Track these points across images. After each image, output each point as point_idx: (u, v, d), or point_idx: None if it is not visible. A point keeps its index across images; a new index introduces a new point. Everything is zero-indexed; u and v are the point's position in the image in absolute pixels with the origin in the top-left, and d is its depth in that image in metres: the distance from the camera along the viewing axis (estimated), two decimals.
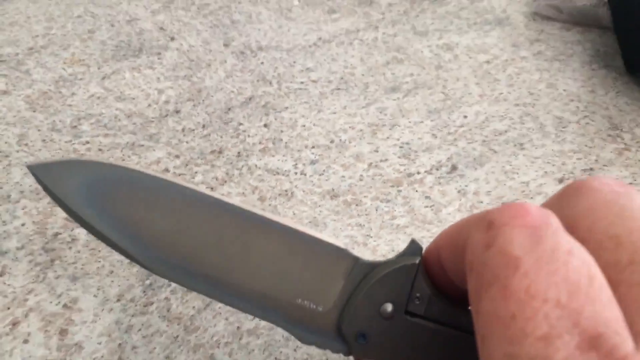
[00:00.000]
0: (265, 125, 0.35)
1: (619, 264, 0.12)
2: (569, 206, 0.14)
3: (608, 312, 0.11)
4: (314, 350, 0.24)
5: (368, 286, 0.19)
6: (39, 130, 0.34)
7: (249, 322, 0.25)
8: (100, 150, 0.33)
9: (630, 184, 0.33)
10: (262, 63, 0.41)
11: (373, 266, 0.19)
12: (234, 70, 0.40)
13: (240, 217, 0.19)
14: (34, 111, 0.34)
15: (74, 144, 0.33)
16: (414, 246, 0.18)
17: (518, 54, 0.42)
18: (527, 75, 0.40)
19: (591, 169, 0.33)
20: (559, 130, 0.36)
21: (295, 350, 0.24)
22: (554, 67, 0.41)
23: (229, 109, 0.36)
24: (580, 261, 0.12)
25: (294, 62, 0.41)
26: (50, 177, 0.19)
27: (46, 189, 0.19)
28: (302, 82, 0.39)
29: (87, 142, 0.33)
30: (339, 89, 0.38)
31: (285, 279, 0.19)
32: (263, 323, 0.25)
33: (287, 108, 0.37)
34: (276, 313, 0.19)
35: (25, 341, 0.24)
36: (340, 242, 0.19)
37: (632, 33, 0.39)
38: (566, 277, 0.12)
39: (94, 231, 0.19)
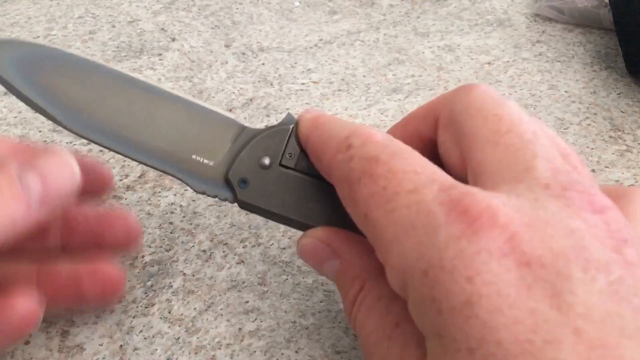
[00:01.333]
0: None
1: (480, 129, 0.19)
2: (456, 98, 0.20)
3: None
4: (316, 352, 0.24)
5: (251, 144, 0.23)
6: (40, 131, 0.34)
7: (251, 323, 0.25)
8: (101, 151, 0.33)
9: (632, 185, 0.33)
10: (263, 64, 0.41)
11: (257, 132, 0.24)
12: (235, 71, 0.40)
13: (150, 91, 0.24)
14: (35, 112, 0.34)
15: (75, 144, 0.33)
16: (289, 117, 0.24)
17: (519, 55, 0.42)
18: (529, 76, 0.40)
19: (593, 171, 0.33)
20: (561, 131, 0.36)
21: (297, 352, 0.24)
22: (556, 68, 0.41)
23: (230, 109, 0.36)
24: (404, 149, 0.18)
25: (295, 63, 0.41)
26: None
27: None
28: (303, 83, 0.39)
29: (88, 143, 0.33)
30: (340, 90, 0.38)
31: (184, 139, 0.24)
32: (265, 324, 0.25)
33: (288, 109, 0.37)
34: (176, 166, 0.24)
35: (27, 342, 0.24)
36: (231, 114, 0.24)
37: (633, 34, 0.39)
38: (412, 156, 0.18)
39: (25, 100, 0.23)
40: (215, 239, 0.29)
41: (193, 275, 0.27)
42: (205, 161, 0.24)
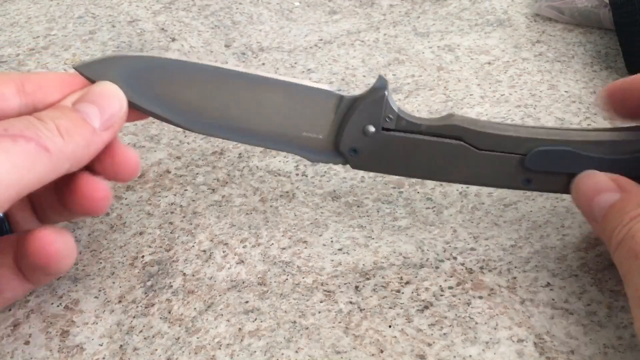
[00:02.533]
0: None
1: None
2: None
3: None
4: (316, 352, 0.24)
5: (354, 115, 0.25)
6: None
7: (251, 323, 0.25)
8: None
9: None
10: (263, 64, 0.41)
11: (354, 99, 0.26)
12: None
13: (248, 79, 0.25)
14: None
15: None
16: (382, 80, 0.25)
17: (519, 55, 0.42)
18: (529, 76, 0.40)
19: None
20: None
21: (297, 352, 0.24)
22: (556, 68, 0.41)
23: None
24: None
25: (295, 63, 0.41)
26: (95, 73, 0.24)
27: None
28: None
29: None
30: (340, 90, 0.38)
31: (292, 119, 0.26)
32: (265, 324, 0.25)
33: None
34: (291, 145, 0.26)
35: (27, 342, 0.24)
36: (326, 85, 0.26)
37: (633, 34, 0.39)
38: None
39: (140, 109, 0.25)
40: (215, 239, 0.29)
41: (193, 275, 0.27)
42: (315, 135, 0.26)
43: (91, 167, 0.24)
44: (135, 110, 0.25)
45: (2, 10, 0.46)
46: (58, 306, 0.26)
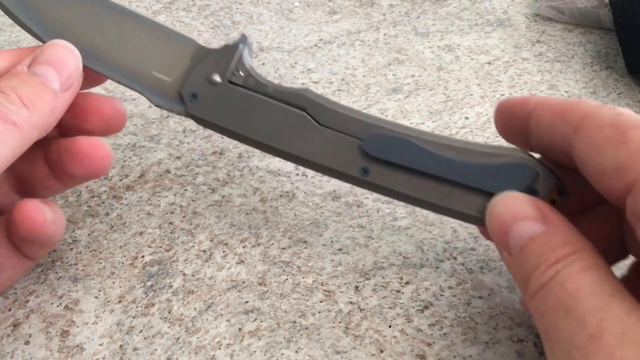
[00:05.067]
0: None
1: None
2: None
3: None
4: (316, 352, 0.24)
5: (203, 62, 0.25)
6: None
7: (251, 323, 0.25)
8: None
9: None
10: (263, 64, 0.41)
11: (212, 50, 0.26)
12: None
13: (120, 12, 0.26)
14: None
15: None
16: (243, 38, 0.26)
17: (519, 55, 0.42)
18: (529, 76, 0.40)
19: None
20: None
21: (297, 352, 0.24)
22: (556, 68, 0.41)
23: None
24: None
25: (295, 63, 0.41)
26: None
27: None
28: (303, 83, 0.39)
29: None
30: (340, 90, 0.38)
31: (147, 57, 0.26)
32: (265, 324, 0.25)
33: None
34: (137, 81, 0.26)
35: (27, 342, 0.24)
36: (191, 35, 0.26)
37: (633, 34, 0.39)
38: None
39: (13, 17, 0.26)
40: (215, 239, 0.29)
41: (193, 275, 0.27)
42: (164, 77, 0.26)
43: (82, 129, 0.24)
44: (90, 74, 0.25)
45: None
46: (58, 306, 0.26)
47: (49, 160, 0.25)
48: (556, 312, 0.17)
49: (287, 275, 0.27)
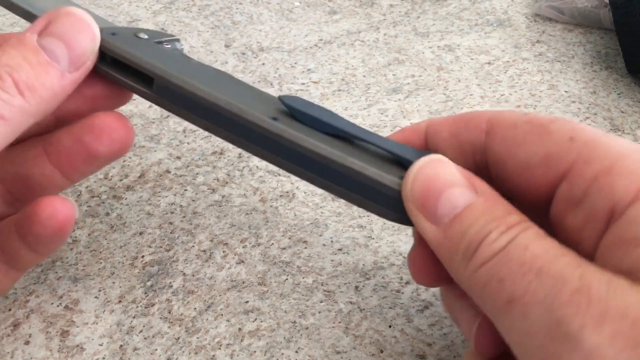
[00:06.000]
0: None
1: None
2: None
3: None
4: (316, 352, 0.24)
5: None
6: None
7: (251, 323, 0.25)
8: None
9: None
10: (263, 64, 0.41)
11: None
12: (235, 71, 0.40)
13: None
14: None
15: None
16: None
17: (519, 55, 0.42)
18: (529, 76, 0.40)
19: None
20: None
21: (297, 352, 0.24)
22: (556, 68, 0.41)
23: None
24: None
25: (295, 63, 0.41)
26: None
27: None
28: (303, 83, 0.39)
29: None
30: (340, 90, 0.38)
31: None
32: (265, 324, 0.25)
33: None
34: None
35: (27, 342, 0.24)
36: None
37: (633, 34, 0.39)
38: None
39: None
40: (215, 239, 0.29)
41: (193, 275, 0.27)
42: None
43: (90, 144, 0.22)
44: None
45: (2, 10, 0.45)
46: (58, 306, 0.26)
47: (53, 154, 0.22)
48: (523, 275, 0.16)
49: (287, 275, 0.27)
